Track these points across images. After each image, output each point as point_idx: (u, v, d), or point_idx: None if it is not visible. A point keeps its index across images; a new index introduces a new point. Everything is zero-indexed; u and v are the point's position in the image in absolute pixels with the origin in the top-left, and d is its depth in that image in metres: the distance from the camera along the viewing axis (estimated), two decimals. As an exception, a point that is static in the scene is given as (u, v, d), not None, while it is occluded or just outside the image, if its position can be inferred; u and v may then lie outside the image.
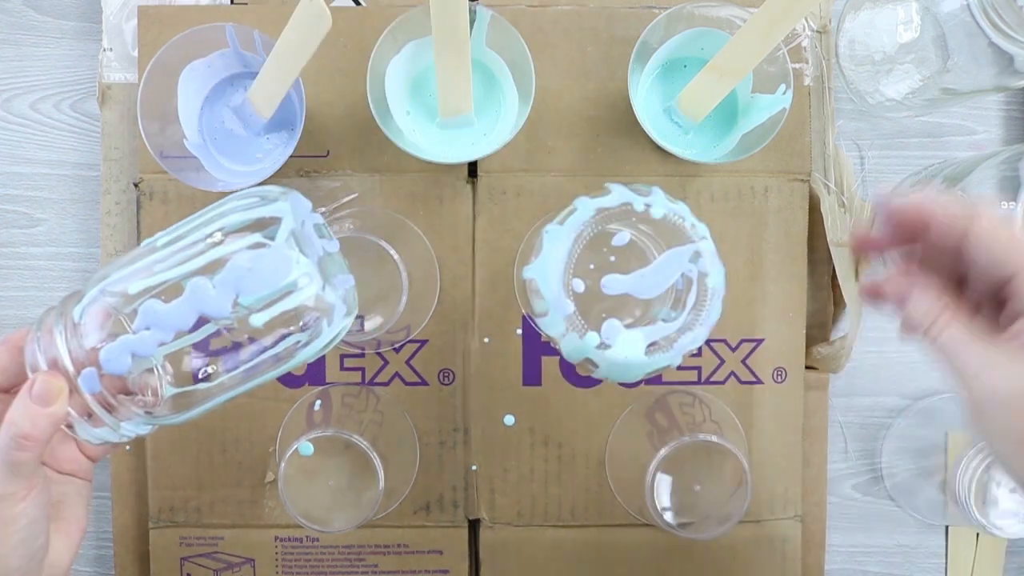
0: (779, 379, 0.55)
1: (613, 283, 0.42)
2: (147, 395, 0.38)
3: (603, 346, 0.40)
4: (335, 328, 0.38)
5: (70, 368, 0.36)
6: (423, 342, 0.55)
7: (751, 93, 0.53)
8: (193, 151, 0.51)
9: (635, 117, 0.50)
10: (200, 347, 0.38)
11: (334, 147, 0.54)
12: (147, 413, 0.38)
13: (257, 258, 0.36)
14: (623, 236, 0.43)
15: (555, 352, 0.55)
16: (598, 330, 0.40)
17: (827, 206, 0.55)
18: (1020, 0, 0.45)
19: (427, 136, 0.53)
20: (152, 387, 0.38)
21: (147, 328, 0.36)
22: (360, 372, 0.55)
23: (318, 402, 0.54)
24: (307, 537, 0.55)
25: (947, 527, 0.60)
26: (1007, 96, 0.59)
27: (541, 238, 0.42)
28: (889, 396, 0.60)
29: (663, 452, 0.49)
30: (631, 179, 0.55)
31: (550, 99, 0.54)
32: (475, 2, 0.50)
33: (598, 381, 0.55)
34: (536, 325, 0.43)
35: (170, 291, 0.37)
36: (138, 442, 0.55)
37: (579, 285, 0.42)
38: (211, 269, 0.36)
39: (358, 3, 0.55)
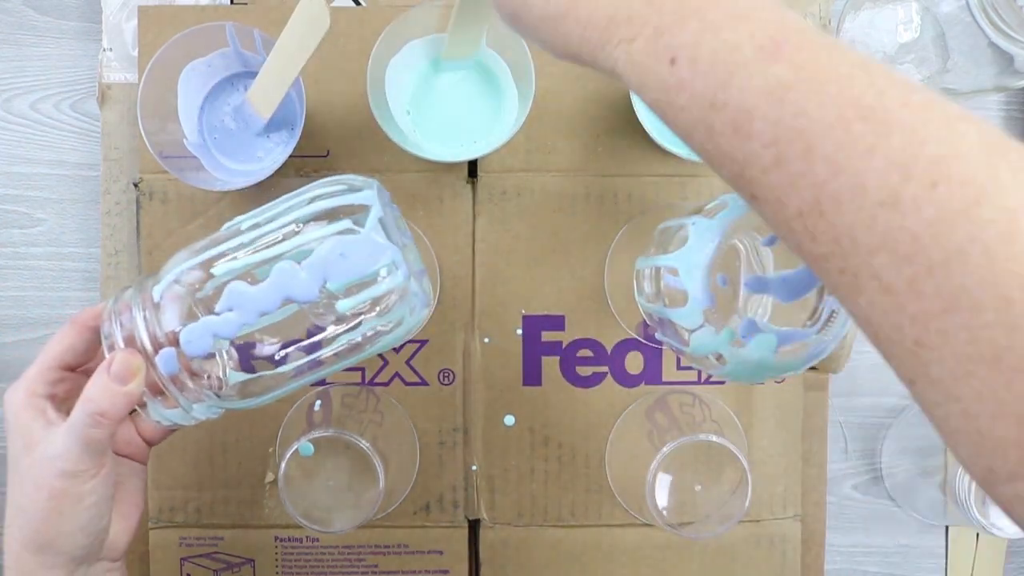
0: (779, 379, 0.55)
1: (756, 283, 0.42)
2: (212, 380, 0.38)
3: (737, 343, 0.40)
4: (417, 317, 0.38)
5: (148, 347, 0.36)
6: (423, 342, 0.55)
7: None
8: (193, 151, 0.51)
9: (635, 117, 0.50)
10: (277, 333, 0.37)
11: (334, 147, 0.54)
12: (217, 396, 0.38)
13: (348, 244, 0.36)
14: (771, 235, 0.43)
15: (555, 352, 0.55)
16: (734, 327, 0.40)
17: (827, 206, 0.55)
18: (1020, 0, 0.45)
19: (427, 136, 0.53)
20: (215, 373, 0.38)
21: (231, 310, 0.36)
22: (360, 372, 0.55)
23: (318, 402, 0.54)
24: (307, 537, 0.55)
25: (947, 527, 0.60)
26: (1007, 96, 0.59)
27: (685, 229, 0.42)
28: (889, 396, 0.60)
29: (663, 452, 0.49)
30: (631, 179, 0.55)
31: (550, 99, 0.54)
32: (475, 2, 0.50)
33: (598, 381, 0.55)
34: (653, 314, 0.43)
35: (254, 275, 0.37)
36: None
37: (723, 280, 0.42)
38: (299, 254, 0.36)
39: (358, 3, 0.55)
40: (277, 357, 0.38)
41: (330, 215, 0.37)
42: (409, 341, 0.54)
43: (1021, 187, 0.23)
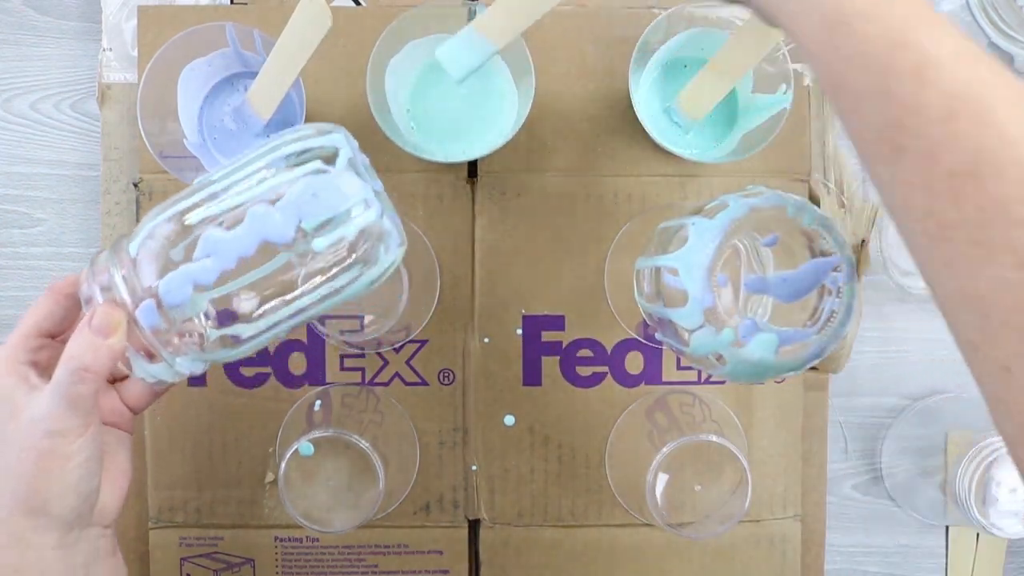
0: (779, 379, 0.55)
1: (756, 283, 0.42)
2: (193, 338, 0.38)
3: (737, 344, 0.40)
4: (391, 256, 0.38)
5: (128, 301, 0.36)
6: (423, 342, 0.55)
7: (751, 93, 0.53)
8: (193, 151, 0.51)
9: (635, 117, 0.50)
10: (254, 286, 0.37)
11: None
12: (200, 349, 0.38)
13: (320, 182, 0.36)
14: (771, 236, 0.43)
15: (555, 352, 0.55)
16: (734, 327, 0.40)
17: (827, 206, 0.55)
18: (1020, 0, 0.45)
19: (427, 136, 0.53)
20: (197, 331, 0.38)
21: (208, 256, 0.36)
22: (360, 372, 0.55)
23: (318, 402, 0.54)
24: (307, 537, 0.55)
25: (947, 527, 0.60)
26: (1007, 96, 0.59)
27: (685, 229, 0.42)
28: (889, 396, 0.60)
29: (663, 452, 0.49)
30: (631, 179, 0.55)
31: (550, 99, 0.54)
32: (475, 2, 0.50)
33: (598, 381, 0.55)
34: (653, 314, 0.43)
35: (229, 220, 0.36)
36: (138, 442, 0.55)
37: (723, 280, 0.42)
38: (272, 196, 0.36)
39: (358, 3, 0.55)
40: (255, 310, 0.38)
41: (300, 158, 0.37)
42: (409, 341, 0.54)
43: None
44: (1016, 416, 0.25)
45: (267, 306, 0.38)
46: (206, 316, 0.37)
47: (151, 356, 0.38)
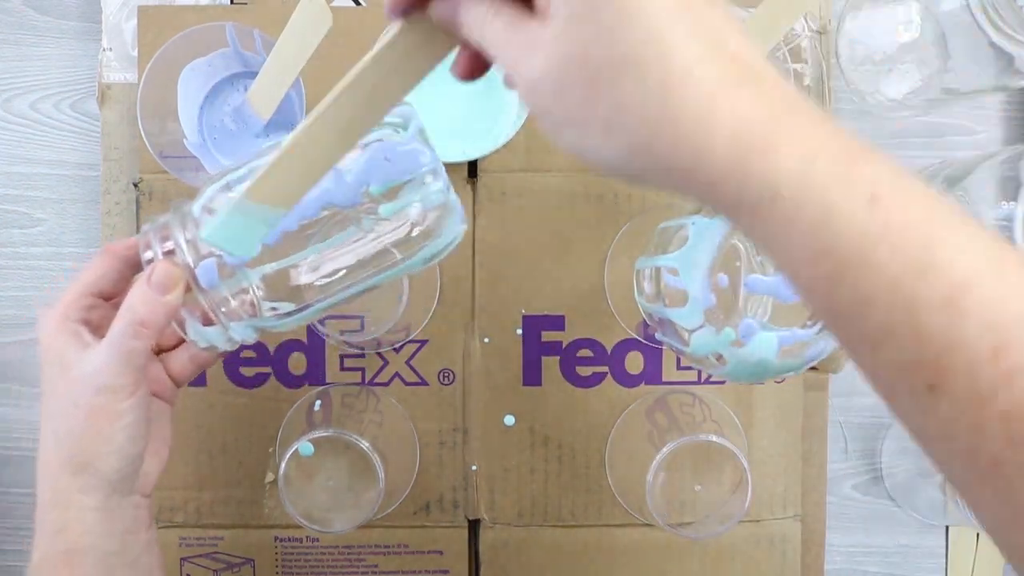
0: (779, 379, 0.55)
1: (756, 283, 0.42)
2: (246, 307, 0.38)
3: (737, 344, 0.40)
4: (454, 231, 0.38)
5: (189, 259, 0.36)
6: (423, 342, 0.55)
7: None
8: (193, 151, 0.51)
9: (635, 117, 0.50)
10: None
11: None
12: (255, 316, 0.38)
13: (390, 148, 0.36)
14: None
15: (555, 352, 0.55)
16: (734, 327, 0.40)
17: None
18: (1020, 0, 0.45)
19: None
20: (250, 301, 0.38)
21: None
22: (360, 372, 0.55)
23: (318, 402, 0.54)
24: (307, 537, 0.55)
25: (947, 527, 0.60)
26: (1007, 96, 0.59)
27: (685, 229, 0.42)
28: (889, 396, 0.60)
29: (663, 452, 0.49)
30: (631, 179, 0.55)
31: (550, 99, 0.54)
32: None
33: (598, 381, 0.55)
34: (653, 314, 0.43)
35: None
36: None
37: (723, 280, 0.42)
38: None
39: (358, 3, 0.55)
40: (315, 280, 0.37)
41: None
42: (409, 341, 0.54)
43: None
44: None
45: (327, 276, 0.37)
46: (263, 285, 0.37)
47: (207, 320, 0.38)
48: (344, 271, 0.38)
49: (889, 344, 0.23)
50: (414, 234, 0.37)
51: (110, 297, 0.40)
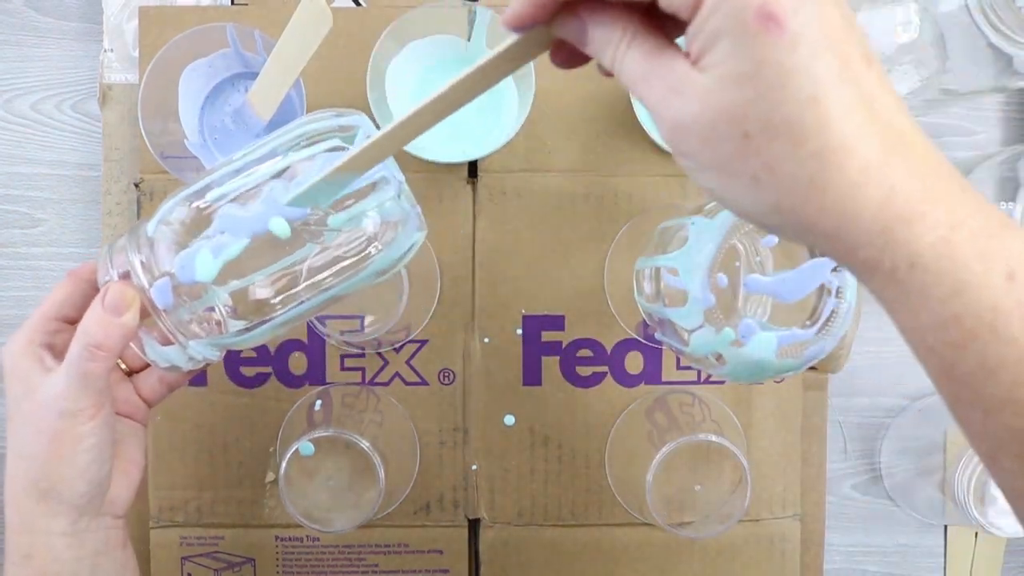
0: (778, 379, 0.55)
1: (755, 283, 0.42)
2: (212, 326, 0.38)
3: (736, 344, 0.40)
4: (409, 239, 0.38)
5: (143, 280, 0.36)
6: (423, 342, 0.55)
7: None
8: (194, 151, 0.52)
9: (635, 117, 0.51)
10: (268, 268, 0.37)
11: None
12: (217, 333, 0.38)
13: (336, 159, 0.35)
14: (771, 236, 0.43)
15: (555, 352, 0.55)
16: (733, 327, 0.40)
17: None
18: (1019, 1, 0.45)
19: (427, 137, 0.53)
20: (216, 320, 0.38)
21: (223, 232, 0.35)
22: (360, 372, 0.55)
23: (318, 402, 0.54)
24: (307, 537, 0.55)
25: (946, 526, 0.60)
26: (1006, 96, 0.60)
27: (685, 229, 0.42)
28: (888, 396, 0.60)
29: (663, 452, 0.49)
30: (631, 179, 0.55)
31: (550, 99, 0.54)
32: (475, 2, 0.50)
33: (598, 381, 0.55)
34: (652, 313, 0.43)
35: (245, 199, 0.36)
36: (139, 442, 0.55)
37: (723, 280, 0.42)
38: (290, 174, 0.36)
39: (358, 3, 0.55)
40: (272, 297, 0.37)
41: (318, 137, 0.37)
42: (409, 341, 0.55)
43: None
44: None
45: (283, 290, 0.37)
46: (222, 304, 0.37)
47: (165, 340, 0.38)
48: (302, 285, 0.37)
49: (1005, 411, 0.23)
50: (367, 244, 0.37)
51: (75, 321, 0.40)
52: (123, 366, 0.43)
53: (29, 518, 0.38)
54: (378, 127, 0.37)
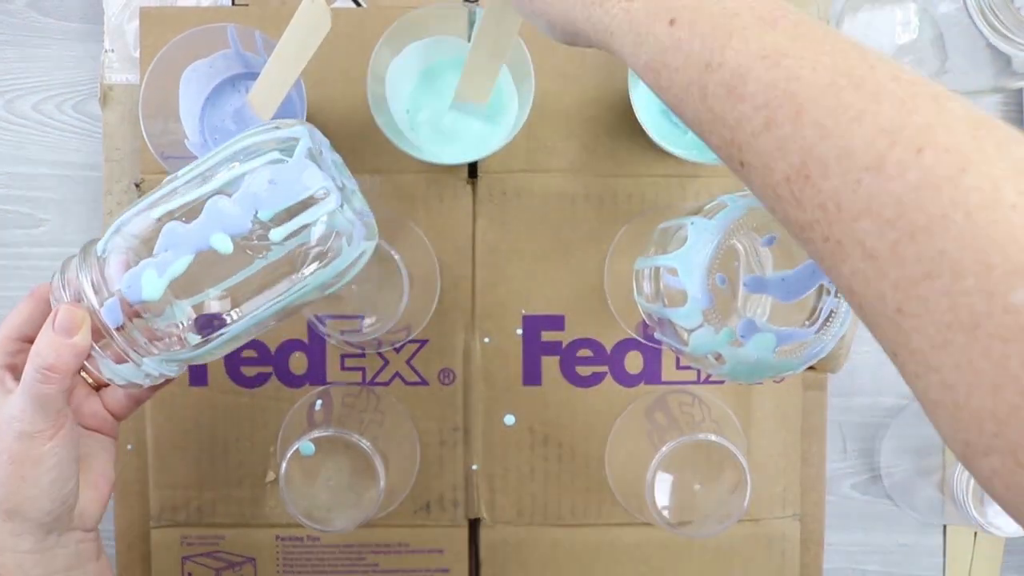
0: (778, 378, 0.55)
1: (754, 283, 0.42)
2: (172, 341, 0.38)
3: (736, 343, 0.40)
4: (355, 249, 0.38)
5: (93, 300, 0.36)
6: (423, 342, 0.55)
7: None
8: (194, 152, 0.52)
9: (635, 117, 0.51)
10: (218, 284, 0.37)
11: (334, 147, 0.54)
12: (173, 348, 0.38)
13: (276, 171, 0.36)
14: (770, 236, 0.43)
15: (555, 352, 0.55)
16: (733, 327, 0.40)
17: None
18: (1017, 2, 0.45)
19: (427, 138, 0.53)
20: (177, 335, 0.38)
21: (167, 249, 0.36)
22: (360, 372, 0.55)
23: (319, 402, 0.55)
24: (308, 536, 0.55)
25: (945, 526, 0.60)
26: (1005, 97, 0.60)
27: (684, 229, 0.42)
28: (887, 395, 0.60)
29: (663, 452, 0.49)
30: (631, 179, 0.55)
31: (550, 99, 0.54)
32: (475, 2, 0.50)
33: (598, 381, 0.55)
34: (652, 313, 0.43)
35: (190, 215, 0.36)
36: (140, 441, 0.55)
37: (722, 280, 0.42)
38: (230, 188, 0.36)
39: (358, 3, 0.56)
40: (223, 311, 0.38)
41: (261, 150, 0.37)
42: (409, 341, 0.55)
43: (1005, 159, 0.23)
44: (921, 385, 0.25)
45: (236, 304, 0.38)
46: (185, 319, 0.38)
47: (119, 358, 0.38)
48: (251, 298, 0.38)
49: (705, 129, 0.30)
50: (311, 257, 0.37)
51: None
52: (90, 381, 0.43)
53: None
54: (380, 126, 0.37)
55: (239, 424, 0.55)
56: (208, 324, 0.38)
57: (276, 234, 0.36)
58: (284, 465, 0.49)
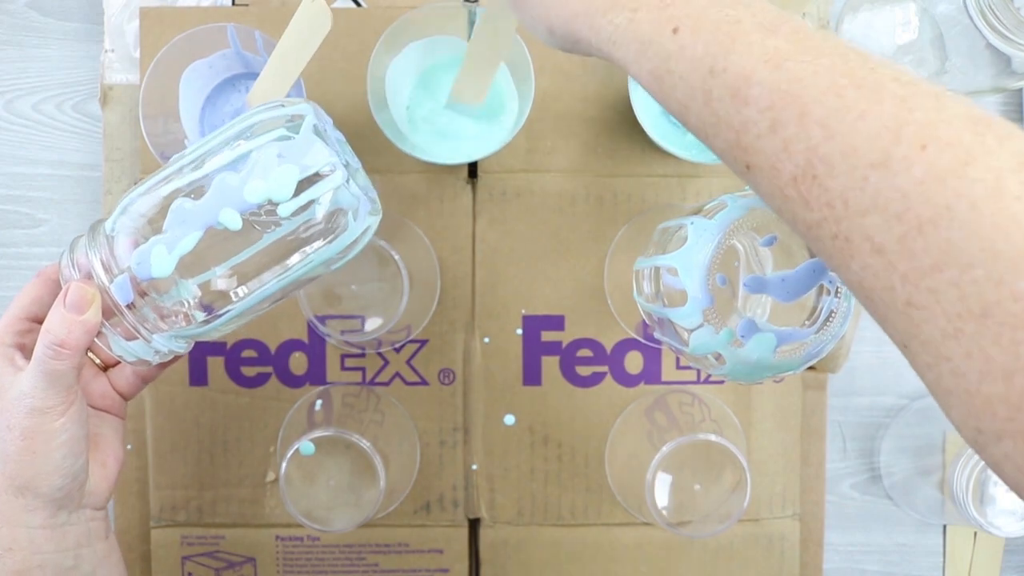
0: (778, 378, 0.55)
1: (754, 283, 0.42)
2: (179, 319, 0.38)
3: (736, 343, 0.40)
4: (361, 224, 0.38)
5: (103, 278, 0.37)
6: (423, 342, 0.55)
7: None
8: (194, 152, 0.52)
9: (635, 117, 0.51)
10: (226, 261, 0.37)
11: (335, 148, 0.54)
12: (183, 324, 0.38)
13: (283, 147, 0.36)
14: (770, 236, 0.43)
15: (555, 352, 0.55)
16: (733, 326, 0.40)
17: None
18: (1017, 2, 0.45)
19: (427, 138, 0.53)
20: (184, 313, 0.38)
21: (176, 226, 0.36)
22: (361, 372, 0.55)
23: (319, 402, 0.55)
24: (308, 536, 0.55)
25: (945, 526, 0.60)
26: (1005, 97, 0.60)
27: (684, 229, 0.42)
28: (887, 395, 0.60)
29: (663, 452, 0.49)
30: (631, 179, 0.55)
31: (550, 99, 0.54)
32: (475, 2, 0.50)
33: (598, 381, 0.55)
34: (652, 313, 0.43)
35: (198, 192, 0.37)
36: (140, 441, 0.55)
37: (722, 280, 0.42)
38: (238, 165, 0.36)
39: (358, 3, 0.56)
40: (233, 287, 0.38)
41: (267, 127, 0.37)
42: (409, 341, 0.55)
43: (1007, 152, 0.23)
44: (930, 374, 0.25)
45: (243, 280, 0.38)
46: (191, 296, 0.38)
47: (130, 335, 0.38)
48: (258, 275, 0.38)
49: (709, 133, 0.30)
50: (317, 232, 0.38)
51: (44, 319, 0.41)
52: (97, 361, 0.44)
53: (8, 513, 0.38)
54: (380, 126, 0.37)
55: (239, 424, 0.55)
56: (215, 301, 0.38)
57: (284, 209, 0.36)
58: (284, 465, 0.49)
